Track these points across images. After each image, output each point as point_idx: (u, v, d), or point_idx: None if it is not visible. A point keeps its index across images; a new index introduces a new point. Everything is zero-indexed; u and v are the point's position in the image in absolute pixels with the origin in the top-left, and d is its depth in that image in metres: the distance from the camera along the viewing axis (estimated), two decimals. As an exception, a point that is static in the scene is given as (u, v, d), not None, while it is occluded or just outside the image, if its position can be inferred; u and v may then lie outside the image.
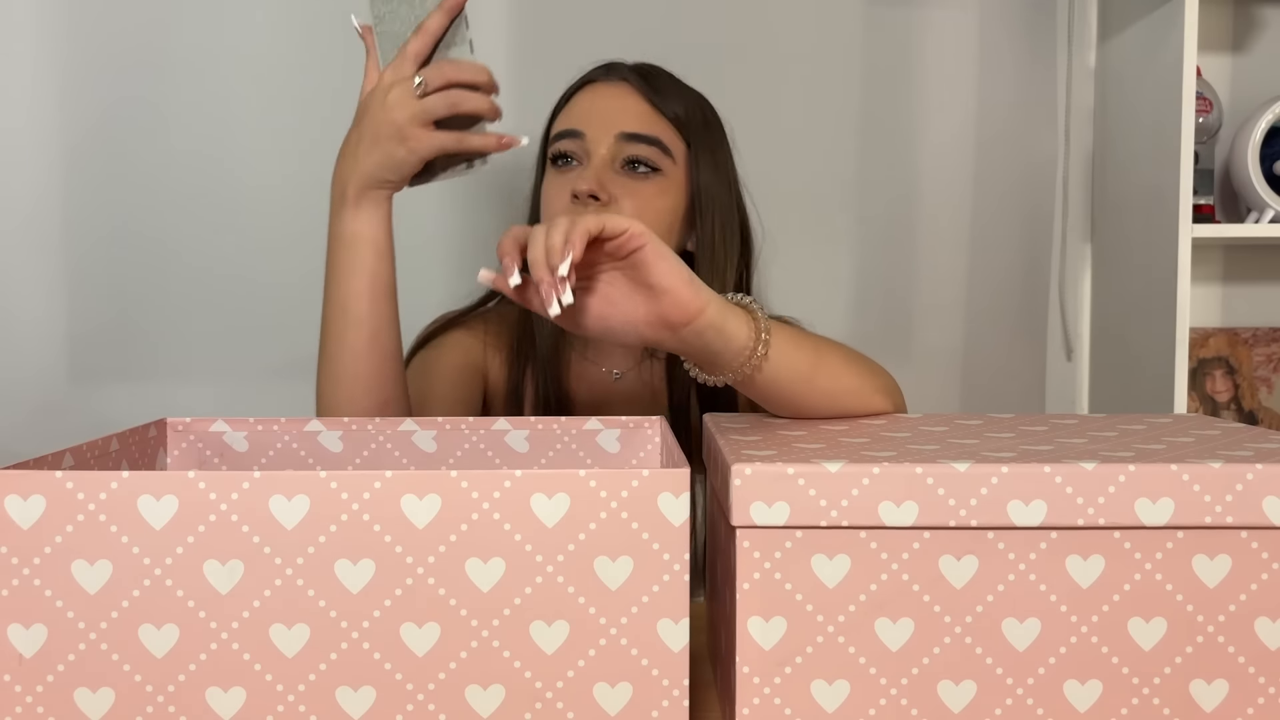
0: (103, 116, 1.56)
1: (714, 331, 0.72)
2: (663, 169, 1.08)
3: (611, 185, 1.06)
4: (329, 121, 1.58)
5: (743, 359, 0.74)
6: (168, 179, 1.59)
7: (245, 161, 1.58)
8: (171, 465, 0.81)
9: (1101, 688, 0.58)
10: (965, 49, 1.69)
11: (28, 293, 1.56)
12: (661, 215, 1.09)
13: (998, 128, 1.71)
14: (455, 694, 0.57)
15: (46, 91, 1.54)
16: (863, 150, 1.68)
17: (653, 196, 1.08)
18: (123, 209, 1.58)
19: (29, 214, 1.57)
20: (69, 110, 1.57)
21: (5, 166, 1.56)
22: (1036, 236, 1.76)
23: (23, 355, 1.55)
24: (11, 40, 1.53)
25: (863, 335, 1.67)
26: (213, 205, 1.58)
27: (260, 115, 1.58)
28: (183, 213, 1.59)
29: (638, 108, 1.09)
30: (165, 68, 1.56)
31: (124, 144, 1.58)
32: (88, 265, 1.58)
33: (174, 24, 1.56)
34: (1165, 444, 0.65)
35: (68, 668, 0.57)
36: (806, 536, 0.58)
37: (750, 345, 0.74)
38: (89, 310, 1.57)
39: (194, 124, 1.56)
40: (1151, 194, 1.57)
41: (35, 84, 1.53)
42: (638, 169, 1.07)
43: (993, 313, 1.74)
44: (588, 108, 1.10)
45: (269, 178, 1.59)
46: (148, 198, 1.58)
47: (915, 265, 1.73)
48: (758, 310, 0.76)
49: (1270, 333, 1.78)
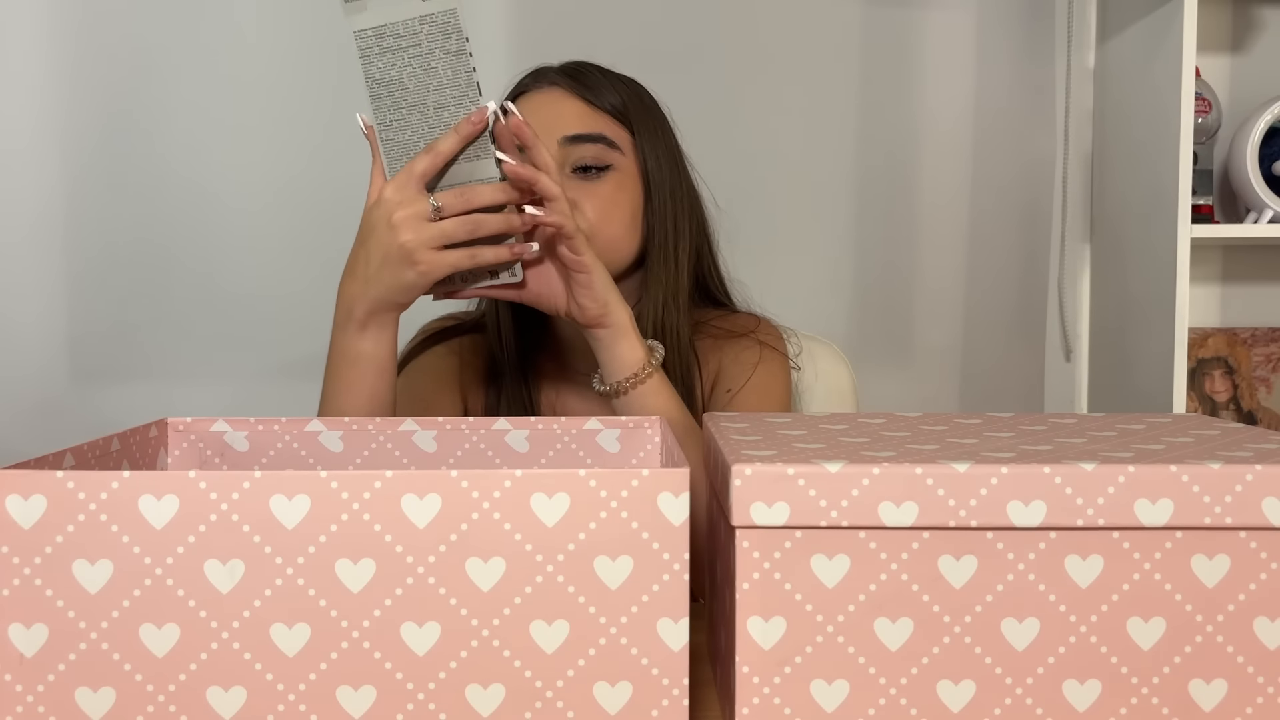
0: (105, 123, 1.57)
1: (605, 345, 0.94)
2: (613, 164, 1.08)
3: (568, 192, 1.06)
4: (328, 127, 1.59)
5: (617, 380, 0.94)
6: (169, 182, 1.59)
7: (245, 163, 1.58)
8: (172, 465, 0.81)
9: (1100, 687, 0.58)
10: (964, 50, 1.69)
11: (29, 293, 1.56)
12: (623, 209, 1.09)
13: (997, 128, 1.71)
14: (455, 693, 0.57)
15: (50, 98, 1.54)
16: (862, 151, 1.68)
17: (611, 194, 1.08)
18: (124, 211, 1.58)
19: (32, 217, 1.57)
20: (72, 116, 1.57)
21: (9, 169, 1.56)
22: (1035, 237, 1.76)
23: (24, 355, 1.55)
24: (16, 43, 1.53)
25: (862, 335, 1.67)
26: (213, 207, 1.58)
27: (260, 118, 1.58)
28: (183, 214, 1.59)
29: (574, 108, 1.09)
30: (166, 73, 1.56)
31: (126, 148, 1.58)
32: (89, 267, 1.58)
33: (174, 29, 1.56)
34: (1164, 444, 0.65)
35: (68, 667, 0.57)
36: (806, 536, 0.58)
37: (628, 374, 0.94)
38: (90, 311, 1.57)
39: (194, 128, 1.56)
40: (1150, 194, 1.57)
41: (39, 89, 1.54)
42: (589, 171, 1.07)
43: (992, 313, 1.74)
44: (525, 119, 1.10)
45: (269, 179, 1.59)
46: (149, 200, 1.58)
47: (915, 265, 1.73)
48: (655, 357, 0.96)
49: (1269, 333, 1.78)
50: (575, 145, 1.07)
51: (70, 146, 1.57)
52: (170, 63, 1.56)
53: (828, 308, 1.70)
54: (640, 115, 1.12)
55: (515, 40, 1.59)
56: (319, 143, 1.59)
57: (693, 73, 1.24)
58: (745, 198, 1.66)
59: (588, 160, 1.07)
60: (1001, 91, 1.71)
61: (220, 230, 1.58)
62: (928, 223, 1.72)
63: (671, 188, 1.12)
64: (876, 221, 1.71)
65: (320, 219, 1.60)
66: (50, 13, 1.54)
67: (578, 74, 1.11)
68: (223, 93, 1.56)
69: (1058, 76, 1.73)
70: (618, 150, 1.09)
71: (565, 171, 1.07)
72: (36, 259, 1.58)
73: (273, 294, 1.60)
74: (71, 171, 1.57)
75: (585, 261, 0.91)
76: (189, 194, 1.57)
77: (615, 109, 1.10)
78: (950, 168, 1.70)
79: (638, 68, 1.19)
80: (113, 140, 1.57)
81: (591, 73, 1.12)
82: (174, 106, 1.56)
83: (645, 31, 1.61)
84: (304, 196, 1.60)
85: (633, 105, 1.12)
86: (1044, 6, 1.72)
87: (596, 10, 1.59)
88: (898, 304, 1.71)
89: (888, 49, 1.67)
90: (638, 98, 1.13)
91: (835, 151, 1.67)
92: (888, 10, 1.67)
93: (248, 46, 1.57)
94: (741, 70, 1.63)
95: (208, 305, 1.61)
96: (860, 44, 1.67)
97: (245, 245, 1.59)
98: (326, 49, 1.55)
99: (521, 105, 1.11)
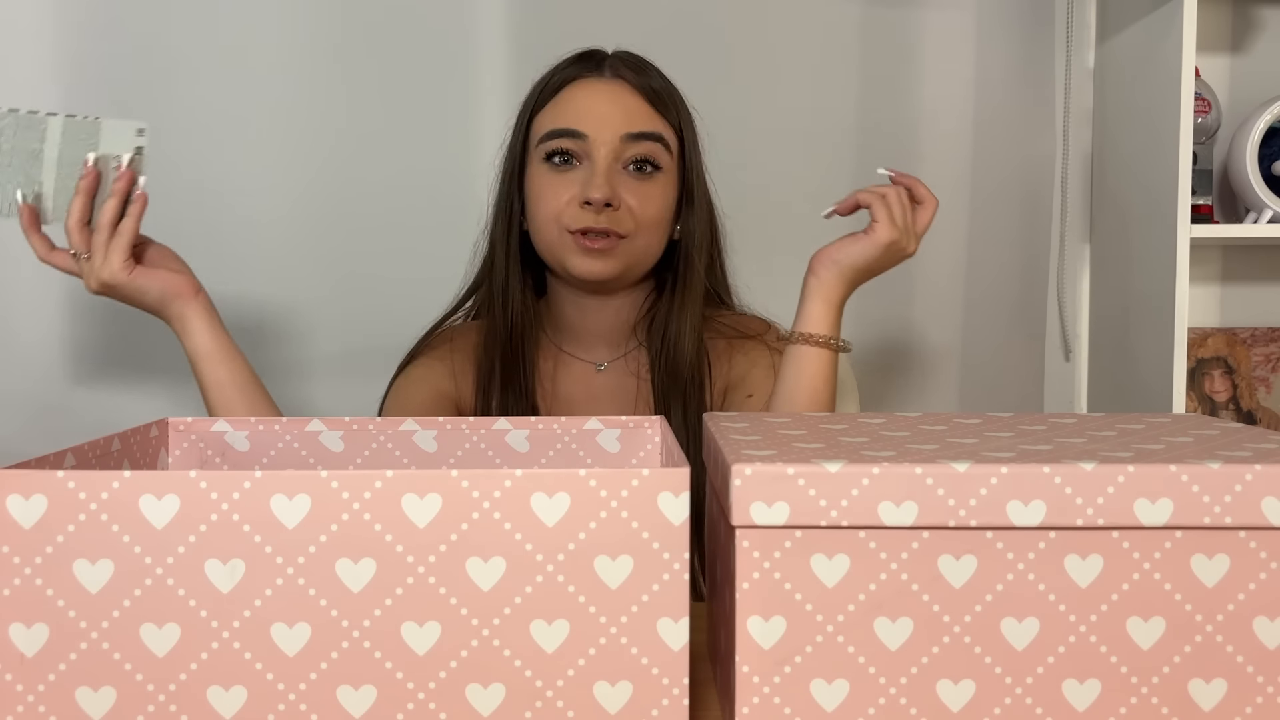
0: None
1: (817, 293, 1.05)
2: (663, 165, 1.09)
3: (621, 189, 1.07)
4: (326, 131, 1.59)
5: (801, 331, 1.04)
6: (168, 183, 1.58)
7: (250, 163, 1.58)
8: (173, 465, 0.81)
9: (1100, 687, 0.58)
10: (963, 49, 1.69)
11: (30, 294, 1.56)
12: (663, 211, 1.10)
13: (996, 128, 1.71)
14: (456, 692, 0.57)
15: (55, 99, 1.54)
16: (861, 151, 1.68)
17: (656, 194, 1.09)
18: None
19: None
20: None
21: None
22: (1035, 237, 1.76)
23: (25, 355, 1.55)
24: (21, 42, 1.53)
25: (862, 335, 1.67)
26: (212, 208, 1.58)
27: (260, 120, 1.58)
28: (182, 215, 1.59)
29: (637, 105, 1.10)
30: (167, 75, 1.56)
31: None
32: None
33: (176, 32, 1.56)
34: (1164, 444, 0.65)
35: (69, 667, 0.57)
36: (806, 536, 0.58)
37: (816, 333, 1.03)
38: (90, 311, 1.57)
39: (195, 130, 1.56)
40: (1150, 194, 1.57)
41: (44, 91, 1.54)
42: (644, 169, 1.08)
43: (991, 313, 1.74)
44: (586, 106, 1.10)
45: (269, 180, 1.59)
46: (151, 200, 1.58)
47: (914, 265, 1.73)
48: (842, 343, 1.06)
49: (1268, 333, 1.78)
50: (635, 143, 1.08)
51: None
52: (178, 64, 1.56)
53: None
54: (688, 122, 1.14)
55: (516, 39, 1.59)
56: (327, 145, 1.59)
57: (693, 72, 1.24)
58: (745, 197, 1.66)
59: (643, 156, 1.08)
60: (1001, 91, 1.71)
61: (219, 232, 1.58)
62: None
63: (700, 196, 1.13)
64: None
65: (320, 220, 1.60)
66: (55, 14, 1.54)
67: (641, 70, 1.12)
68: (228, 93, 1.56)
69: (1057, 76, 1.73)
70: (669, 152, 1.10)
71: (619, 166, 1.08)
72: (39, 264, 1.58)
73: (273, 295, 1.60)
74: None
75: (932, 196, 1.07)
76: (189, 197, 1.57)
77: (669, 110, 1.11)
78: (950, 167, 1.70)
79: (636, 67, 1.19)
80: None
81: (650, 69, 1.13)
82: (175, 111, 1.55)
83: (645, 31, 1.60)
84: (301, 202, 1.60)
85: (683, 111, 1.13)
86: (1044, 6, 1.72)
87: (597, 10, 1.59)
88: (897, 303, 1.71)
89: (888, 49, 1.67)
90: (683, 102, 1.15)
91: (835, 151, 1.67)
92: (888, 10, 1.67)
93: (249, 52, 1.57)
94: (741, 70, 1.63)
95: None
96: (860, 44, 1.67)
97: (244, 247, 1.59)
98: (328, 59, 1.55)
99: (582, 89, 1.11)
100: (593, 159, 1.07)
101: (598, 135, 1.07)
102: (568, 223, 1.07)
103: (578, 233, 1.07)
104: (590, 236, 1.07)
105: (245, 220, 1.59)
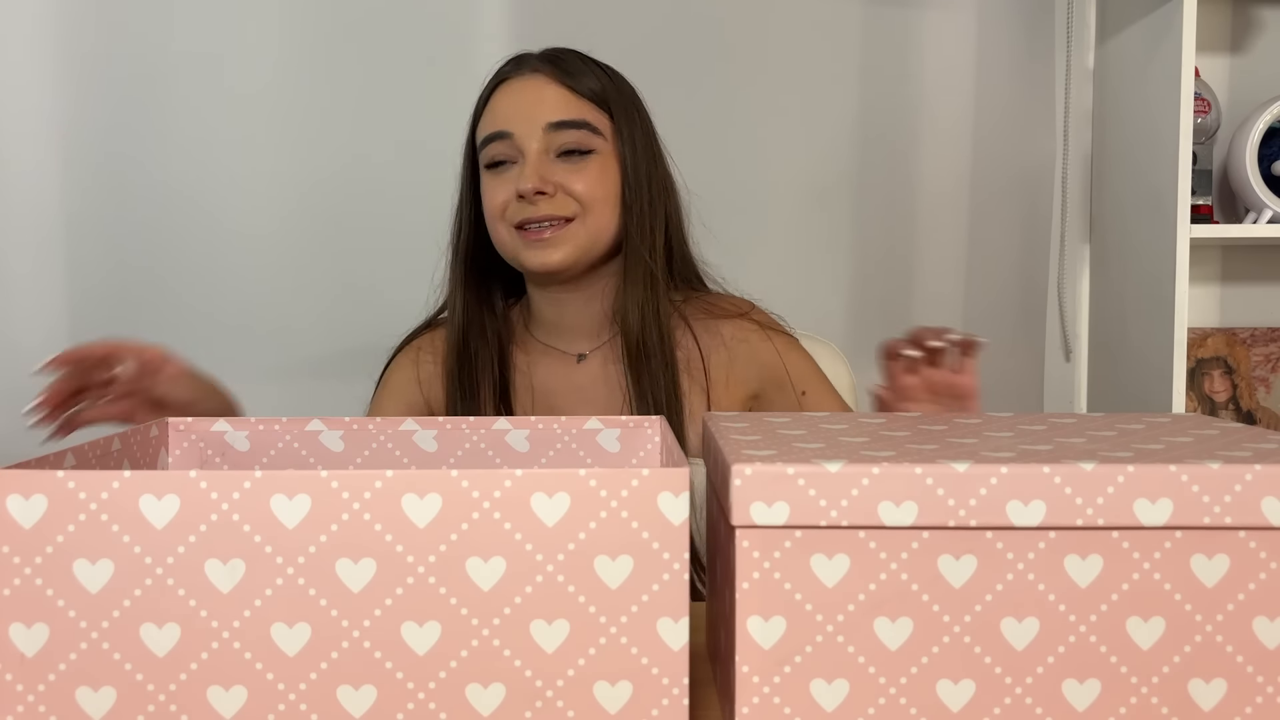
0: (106, 126, 1.57)
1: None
2: (595, 148, 1.11)
3: (553, 175, 1.09)
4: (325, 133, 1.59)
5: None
6: (169, 184, 1.59)
7: (248, 172, 1.58)
8: (173, 465, 0.81)
9: (1100, 687, 0.58)
10: (963, 50, 1.69)
11: (30, 294, 1.56)
12: (608, 189, 1.12)
13: (996, 129, 1.71)
14: (456, 692, 0.57)
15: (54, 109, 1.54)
16: (861, 151, 1.68)
17: (594, 174, 1.11)
18: (124, 214, 1.58)
19: (33, 218, 1.57)
20: (73, 119, 1.57)
21: (13, 180, 1.56)
22: (1035, 237, 1.76)
23: (25, 355, 1.55)
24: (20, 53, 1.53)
25: (861, 335, 1.67)
26: (212, 208, 1.58)
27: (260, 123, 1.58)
28: (183, 216, 1.59)
29: (557, 95, 1.11)
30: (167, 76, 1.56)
31: (126, 153, 1.58)
32: (89, 268, 1.58)
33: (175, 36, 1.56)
34: (1164, 444, 0.65)
35: (69, 667, 0.57)
36: (806, 536, 0.58)
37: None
38: (90, 311, 1.57)
39: (194, 132, 1.57)
40: (1150, 194, 1.57)
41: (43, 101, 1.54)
42: (574, 155, 1.10)
43: (991, 313, 1.74)
44: (509, 106, 1.12)
45: (269, 180, 1.59)
46: (149, 203, 1.58)
47: (913, 266, 1.73)
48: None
49: (1268, 333, 1.78)
50: (559, 131, 1.10)
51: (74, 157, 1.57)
52: (172, 68, 1.56)
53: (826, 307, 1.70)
54: (619, 102, 1.14)
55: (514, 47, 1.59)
56: (324, 154, 1.59)
57: (693, 72, 1.24)
58: (745, 197, 1.66)
59: (571, 145, 1.10)
60: (1001, 91, 1.71)
61: (219, 233, 1.58)
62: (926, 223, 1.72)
63: (648, 173, 1.14)
64: (875, 221, 1.71)
65: (320, 223, 1.60)
66: (54, 23, 1.54)
67: (559, 61, 1.14)
68: (226, 104, 1.57)
69: (1057, 76, 1.73)
70: (600, 135, 1.11)
71: (550, 156, 1.09)
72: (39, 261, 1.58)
73: (272, 296, 1.60)
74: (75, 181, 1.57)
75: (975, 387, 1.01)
76: (189, 198, 1.57)
77: (596, 95, 1.13)
78: (949, 167, 1.70)
79: (637, 67, 1.19)
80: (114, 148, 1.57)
81: (572, 59, 1.15)
82: (175, 113, 1.56)
83: (645, 31, 1.61)
84: (301, 200, 1.60)
85: (612, 92, 1.14)
86: (1044, 6, 1.72)
87: (597, 10, 1.59)
88: (897, 303, 1.71)
89: (888, 49, 1.67)
90: (616, 85, 1.16)
91: (835, 151, 1.67)
92: (888, 10, 1.67)
93: (248, 55, 1.57)
94: (742, 69, 1.63)
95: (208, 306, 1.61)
96: (860, 44, 1.67)
97: (244, 248, 1.59)
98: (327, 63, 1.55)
99: (504, 91, 1.13)
100: (524, 154, 1.09)
101: (522, 130, 1.10)
102: (510, 219, 1.11)
103: (519, 227, 1.09)
104: (533, 229, 1.09)
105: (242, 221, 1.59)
